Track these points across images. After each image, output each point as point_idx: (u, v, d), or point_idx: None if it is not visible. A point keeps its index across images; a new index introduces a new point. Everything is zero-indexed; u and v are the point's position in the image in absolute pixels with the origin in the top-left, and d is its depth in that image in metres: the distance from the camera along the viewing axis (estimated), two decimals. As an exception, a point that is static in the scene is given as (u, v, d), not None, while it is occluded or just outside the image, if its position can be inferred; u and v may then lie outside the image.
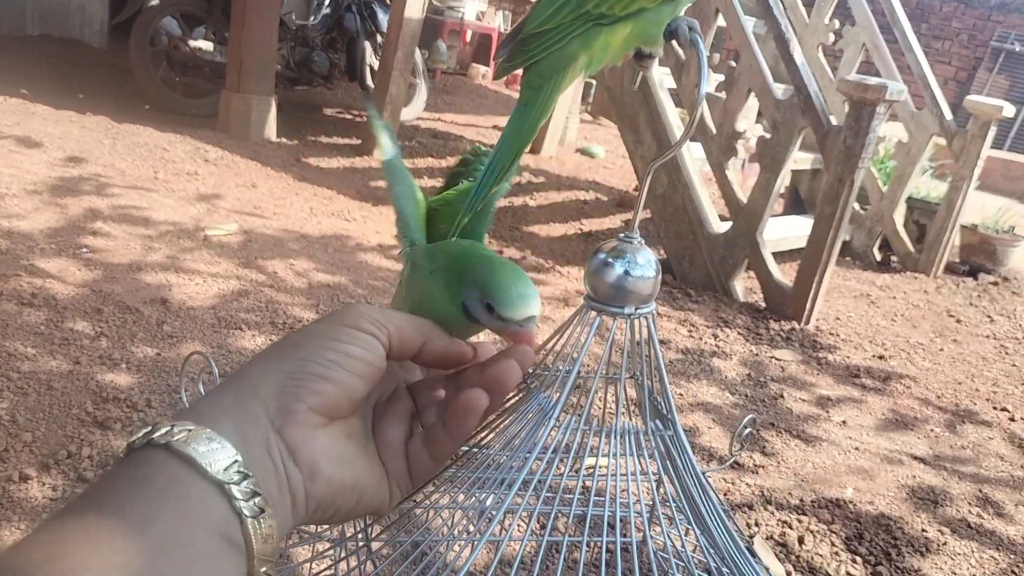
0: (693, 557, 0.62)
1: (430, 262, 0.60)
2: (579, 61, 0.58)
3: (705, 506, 0.60)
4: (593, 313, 0.61)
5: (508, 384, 0.53)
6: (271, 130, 5.00)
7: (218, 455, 0.42)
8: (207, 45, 5.20)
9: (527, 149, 0.64)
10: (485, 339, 0.61)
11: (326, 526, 0.68)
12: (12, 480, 1.77)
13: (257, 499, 0.42)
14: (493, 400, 0.53)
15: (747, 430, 0.84)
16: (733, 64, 3.67)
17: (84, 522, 0.39)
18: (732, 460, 0.86)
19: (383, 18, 5.88)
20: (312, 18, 5.88)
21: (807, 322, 3.48)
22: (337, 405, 0.48)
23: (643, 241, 0.61)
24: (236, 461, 0.43)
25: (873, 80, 3.19)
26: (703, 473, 0.62)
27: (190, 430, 0.43)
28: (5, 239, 2.93)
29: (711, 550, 0.60)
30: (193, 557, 0.40)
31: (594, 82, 8.20)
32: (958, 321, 3.96)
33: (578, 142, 6.95)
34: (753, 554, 0.63)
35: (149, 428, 0.44)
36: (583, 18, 0.56)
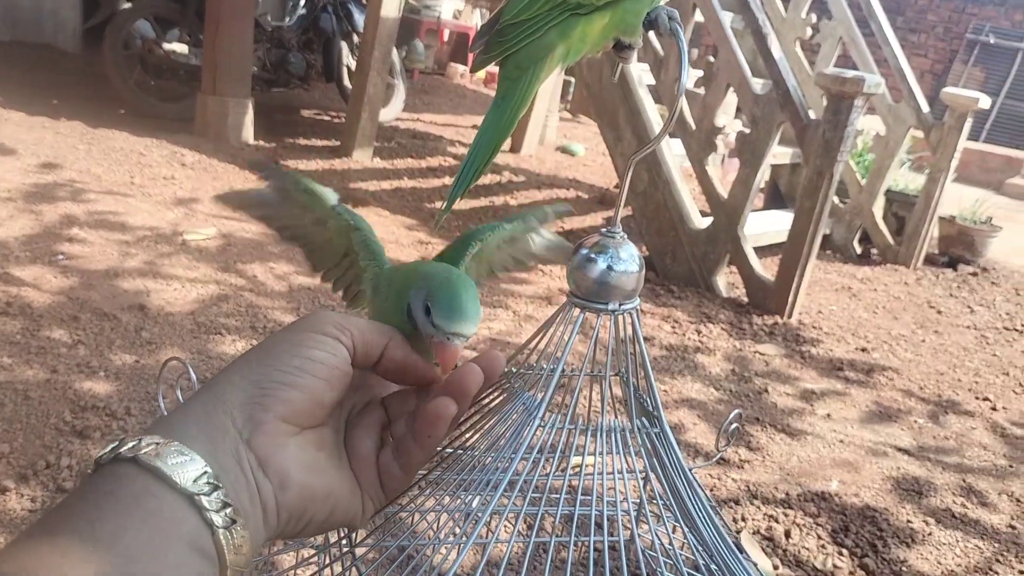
0: (681, 555, 0.61)
1: (389, 279, 0.62)
2: (557, 52, 0.57)
3: (693, 503, 0.59)
4: (576, 310, 0.60)
5: (469, 388, 0.52)
6: (248, 133, 4.96)
7: (187, 467, 0.42)
8: (181, 48, 5.15)
9: (506, 144, 0.63)
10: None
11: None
12: (-11, 492, 1.74)
13: (228, 510, 0.42)
14: (460, 405, 0.52)
15: (733, 426, 0.83)
16: (711, 59, 3.68)
17: (53, 537, 0.38)
18: (719, 456, 0.86)
19: (359, 18, 5.84)
20: (287, 19, 5.83)
21: (790, 316, 3.49)
22: (304, 411, 0.47)
23: (625, 235, 0.60)
24: (205, 472, 0.42)
25: (851, 73, 3.20)
26: (690, 470, 0.61)
27: (158, 443, 0.42)
28: (-21, 247, 2.88)
29: (699, 547, 0.59)
30: (164, 569, 0.39)
31: (573, 80, 8.20)
32: (939, 312, 3.99)
33: (558, 140, 6.94)
34: (741, 550, 0.62)
35: (116, 443, 0.43)
36: (560, 7, 0.55)
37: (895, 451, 2.54)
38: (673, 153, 3.81)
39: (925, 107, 4.50)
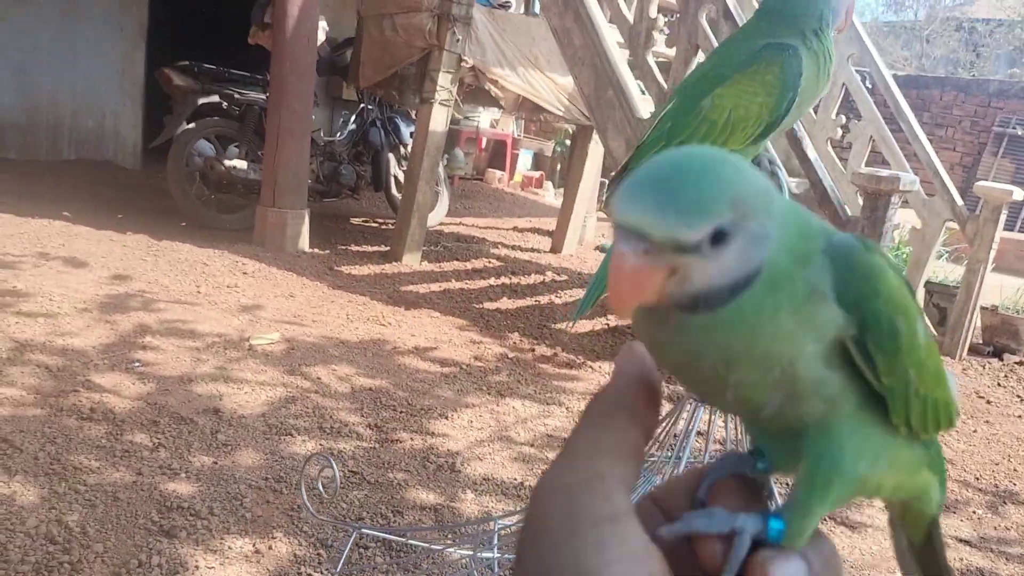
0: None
1: None
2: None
3: None
4: (694, 404, 0.70)
5: None
6: (304, 241, 5.18)
7: None
8: (241, 164, 5.45)
9: (547, 245, 0.74)
10: None
11: None
12: (89, 590, 1.84)
13: None
14: None
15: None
16: (749, 162, 3.83)
17: None
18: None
19: (405, 131, 6.16)
20: (339, 134, 6.16)
21: (839, 408, 3.53)
22: None
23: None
24: None
25: (886, 172, 3.34)
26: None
27: None
28: (61, 356, 3.05)
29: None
30: None
31: (606, 182, 8.44)
32: (988, 402, 3.99)
33: (596, 239, 7.13)
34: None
35: None
36: None
37: (956, 542, 2.55)
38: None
39: (959, 200, 4.60)
